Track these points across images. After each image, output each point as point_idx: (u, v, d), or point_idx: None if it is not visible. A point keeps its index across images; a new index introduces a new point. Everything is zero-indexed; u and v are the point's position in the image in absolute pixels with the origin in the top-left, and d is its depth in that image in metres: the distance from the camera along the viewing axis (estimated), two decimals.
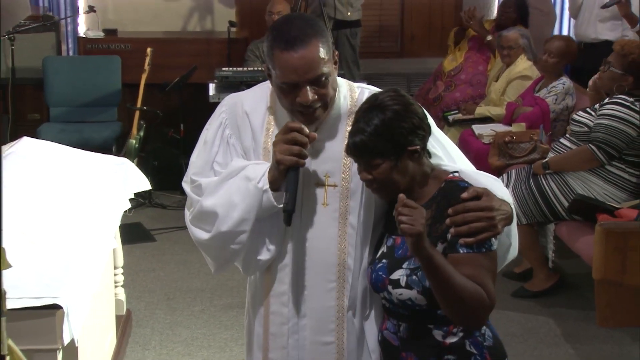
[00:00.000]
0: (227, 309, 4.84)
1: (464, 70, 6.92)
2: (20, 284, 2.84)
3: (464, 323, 2.24)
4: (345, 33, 7.11)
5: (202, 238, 2.39)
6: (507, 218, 2.24)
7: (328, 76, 2.26)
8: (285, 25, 2.26)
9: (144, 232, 6.10)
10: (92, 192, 3.80)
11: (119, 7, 7.76)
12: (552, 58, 5.71)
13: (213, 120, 2.47)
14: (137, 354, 4.34)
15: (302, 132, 2.25)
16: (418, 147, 2.23)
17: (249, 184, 2.30)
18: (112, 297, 4.31)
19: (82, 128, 6.77)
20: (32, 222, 3.31)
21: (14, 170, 3.71)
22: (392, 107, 2.21)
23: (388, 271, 2.28)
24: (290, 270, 2.40)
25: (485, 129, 5.91)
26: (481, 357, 2.27)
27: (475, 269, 2.16)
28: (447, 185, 2.26)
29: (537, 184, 4.89)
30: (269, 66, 2.28)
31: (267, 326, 2.48)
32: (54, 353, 2.85)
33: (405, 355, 2.32)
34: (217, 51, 7.34)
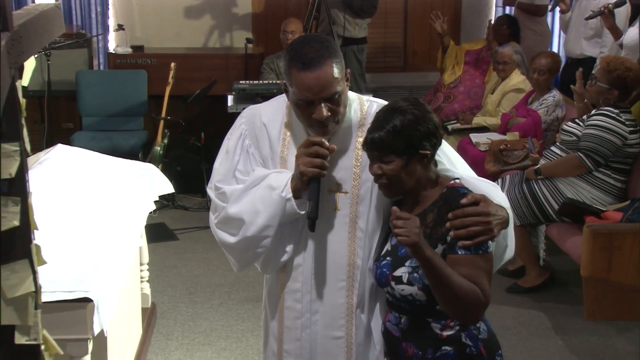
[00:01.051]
0: (244, 303, 4.84)
1: (462, 83, 6.93)
2: (54, 279, 2.85)
3: (461, 319, 2.24)
4: (353, 49, 7.12)
5: (228, 241, 2.39)
6: (503, 223, 2.24)
7: (341, 94, 2.27)
8: (302, 46, 2.26)
9: (168, 232, 6.10)
10: (120, 194, 3.81)
11: (145, 26, 7.78)
12: (541, 76, 5.71)
13: (234, 131, 2.48)
14: (161, 344, 4.35)
15: (323, 145, 2.26)
16: (428, 153, 2.25)
17: (273, 193, 2.31)
18: (138, 291, 4.33)
19: (111, 136, 6.79)
20: (65, 222, 3.31)
21: (49, 174, 3.73)
22: (412, 112, 2.23)
23: (392, 268, 2.28)
24: (304, 270, 2.41)
25: (482, 138, 5.91)
26: (476, 349, 2.27)
27: (472, 270, 2.17)
28: (448, 191, 2.27)
29: (530, 188, 4.90)
30: (286, 83, 2.29)
31: (282, 320, 2.49)
32: (85, 342, 2.86)
33: (405, 346, 2.32)
34: (235, 66, 7.35)
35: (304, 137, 2.37)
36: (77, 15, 7.49)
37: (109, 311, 2.98)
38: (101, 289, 2.90)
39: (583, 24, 6.29)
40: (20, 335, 1.77)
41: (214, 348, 4.32)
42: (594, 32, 6.27)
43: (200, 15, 7.79)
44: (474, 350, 2.27)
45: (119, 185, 3.91)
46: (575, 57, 6.43)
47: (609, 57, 5.00)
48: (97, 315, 2.84)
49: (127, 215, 3.62)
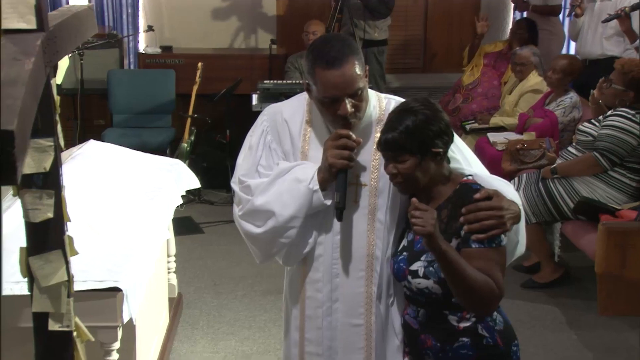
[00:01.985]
0: (266, 294, 4.85)
1: (481, 84, 6.90)
2: (86, 269, 2.87)
3: (475, 310, 2.24)
4: (373, 51, 7.11)
5: (254, 232, 2.40)
6: (515, 217, 2.24)
7: (363, 90, 2.29)
8: (324, 46, 2.28)
9: (194, 225, 6.13)
10: (148, 189, 3.83)
11: (174, 27, 7.81)
12: (555, 74, 5.68)
13: (256, 128, 2.49)
14: (187, 332, 4.37)
15: (351, 138, 2.29)
16: (441, 150, 2.26)
17: (300, 185, 2.32)
18: (165, 281, 4.35)
19: (140, 133, 6.82)
20: (97, 215, 3.34)
21: (81, 169, 3.75)
22: (423, 112, 2.24)
23: (408, 262, 2.29)
24: (324, 260, 2.42)
25: (499, 137, 5.88)
26: (492, 340, 2.27)
27: (486, 262, 2.17)
28: (461, 187, 2.27)
29: (546, 187, 4.87)
30: (310, 82, 2.30)
31: (303, 309, 2.49)
32: (115, 330, 2.88)
33: (424, 338, 2.32)
34: (260, 66, 7.37)
35: (324, 133, 2.39)
36: (109, 17, 7.54)
37: (138, 300, 3.00)
38: (130, 279, 2.92)
39: (601, 25, 6.24)
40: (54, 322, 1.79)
41: (238, 337, 4.34)
42: (613, 30, 6.20)
43: (226, 17, 7.81)
44: (490, 341, 2.27)
45: (148, 180, 3.93)
46: (594, 58, 6.37)
47: (623, 60, 4.97)
48: (126, 304, 2.86)
49: (155, 208, 3.64)
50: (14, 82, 1.43)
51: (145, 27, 7.54)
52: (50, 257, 1.76)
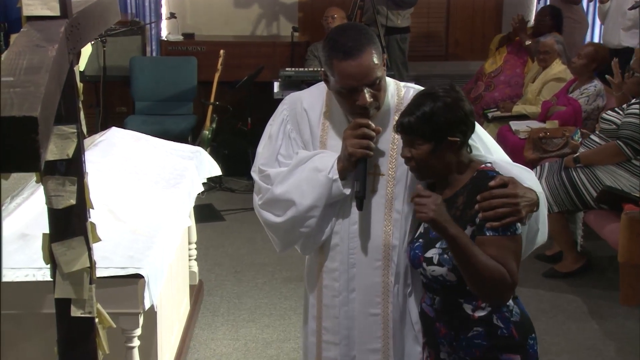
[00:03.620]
0: (287, 282, 4.86)
1: (503, 72, 6.85)
2: (107, 256, 2.88)
3: (488, 298, 2.22)
4: (396, 38, 7.09)
5: (274, 221, 2.41)
6: (532, 205, 2.21)
7: (381, 79, 2.28)
8: (340, 36, 2.26)
9: (215, 213, 6.15)
10: (170, 176, 3.84)
11: (196, 14, 7.82)
12: (580, 59, 5.64)
13: (276, 117, 2.50)
14: (208, 319, 4.40)
15: (370, 127, 2.28)
16: (458, 140, 2.23)
17: (319, 174, 2.33)
18: (186, 269, 4.37)
19: (162, 120, 6.84)
20: (119, 202, 3.35)
21: (104, 156, 3.77)
22: (444, 99, 2.21)
23: (423, 250, 2.28)
24: (341, 249, 2.42)
25: (521, 125, 5.85)
26: (507, 331, 2.25)
27: (499, 250, 2.15)
28: (478, 174, 2.26)
29: (568, 175, 4.84)
30: (327, 73, 2.29)
31: (321, 298, 2.50)
32: (136, 316, 2.89)
33: (439, 326, 2.32)
34: (282, 53, 7.37)
35: (343, 122, 2.38)
36: (131, 4, 7.56)
37: (159, 287, 3.02)
38: (152, 266, 2.93)
39: (621, 15, 6.19)
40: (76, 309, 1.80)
41: (258, 325, 4.35)
42: (632, 22, 6.16)
43: (248, 4, 7.81)
44: (505, 332, 2.25)
45: (170, 167, 3.94)
46: (614, 48, 6.31)
47: None
48: (148, 291, 2.87)
49: (177, 195, 3.65)
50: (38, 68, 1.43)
51: (167, 14, 7.55)
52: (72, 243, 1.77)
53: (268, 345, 4.14)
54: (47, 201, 1.73)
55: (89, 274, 1.80)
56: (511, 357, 2.26)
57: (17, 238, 3.06)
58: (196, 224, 4.50)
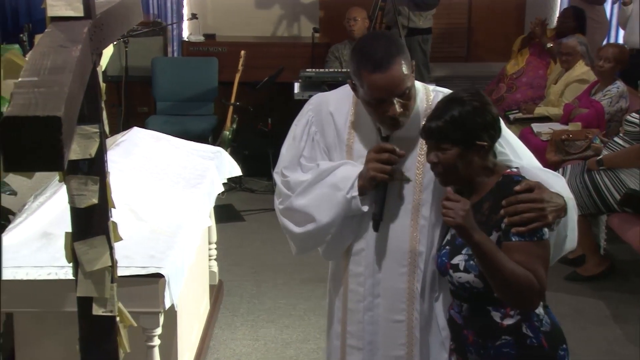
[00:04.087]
0: (306, 283, 4.87)
1: (525, 73, 6.82)
2: (129, 255, 2.90)
3: (515, 305, 2.19)
4: (417, 39, 7.07)
5: (292, 230, 2.42)
6: (559, 210, 2.18)
7: (411, 88, 2.26)
8: (369, 46, 2.24)
9: (235, 213, 6.16)
10: (191, 176, 3.85)
11: (217, 15, 7.84)
12: (607, 63, 5.58)
13: (301, 118, 2.48)
14: (227, 319, 4.41)
15: (395, 153, 2.27)
16: (486, 144, 2.21)
17: (338, 193, 2.32)
18: (206, 268, 4.39)
19: (183, 120, 6.87)
20: (140, 201, 3.37)
21: (125, 155, 3.79)
22: (472, 103, 2.20)
23: (450, 256, 2.26)
24: (366, 254, 2.41)
25: (544, 127, 5.82)
26: (537, 341, 2.22)
27: (526, 256, 2.12)
28: (503, 179, 2.23)
29: (591, 178, 4.80)
30: (356, 83, 2.27)
31: (346, 302, 2.49)
32: (157, 316, 2.91)
33: (467, 333, 2.29)
34: (302, 54, 7.36)
35: (370, 127, 2.37)
36: (153, 4, 7.59)
37: (179, 287, 3.03)
38: (172, 266, 2.95)
39: None
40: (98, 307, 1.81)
41: (277, 325, 4.36)
42: None
43: (269, 5, 7.82)
44: (534, 342, 2.22)
45: (190, 168, 3.96)
46: (637, 49, 6.26)
47: None
48: (168, 290, 2.88)
49: (197, 196, 3.66)
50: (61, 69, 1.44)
51: (189, 15, 7.57)
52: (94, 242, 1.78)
53: (287, 346, 4.14)
54: (69, 200, 1.74)
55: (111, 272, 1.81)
56: None
57: (40, 236, 3.09)
58: (216, 224, 4.51)
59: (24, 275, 2.85)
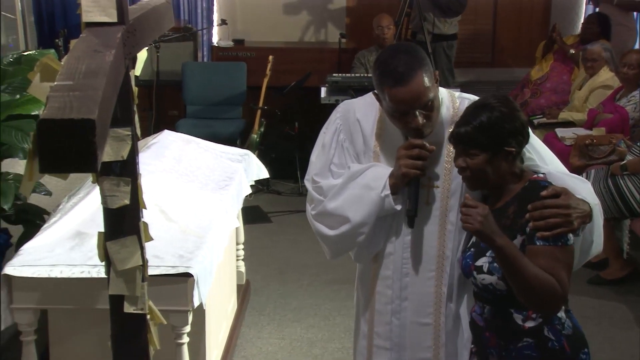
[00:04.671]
0: (331, 284, 4.86)
1: (550, 79, 6.77)
2: (159, 255, 2.92)
3: (536, 308, 2.18)
4: (442, 45, 7.05)
5: (326, 233, 2.42)
6: (585, 216, 2.17)
7: (433, 100, 2.25)
8: (390, 60, 2.22)
9: (262, 214, 6.17)
10: (219, 178, 3.87)
11: (246, 20, 7.87)
12: (632, 70, 5.53)
13: (329, 126, 2.48)
14: (254, 318, 4.42)
15: (425, 148, 2.26)
16: (514, 150, 2.20)
17: (372, 192, 2.32)
18: (234, 268, 4.40)
19: (212, 123, 6.89)
20: (170, 202, 3.38)
21: (156, 158, 3.81)
22: (500, 109, 2.18)
23: (474, 258, 2.25)
24: (395, 259, 2.41)
25: (567, 132, 5.77)
26: (559, 344, 2.20)
27: (550, 261, 2.11)
28: (530, 184, 2.22)
29: (615, 183, 4.76)
30: (380, 96, 2.28)
31: (373, 304, 2.49)
32: (186, 314, 2.92)
33: (489, 335, 2.28)
34: (329, 59, 7.36)
35: (396, 133, 2.36)
36: (184, 10, 7.64)
37: (208, 286, 3.04)
38: (201, 265, 2.96)
39: None
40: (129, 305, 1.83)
41: (303, 325, 4.36)
42: None
43: (297, 11, 7.83)
44: (556, 345, 2.20)
45: (219, 170, 3.97)
46: None
47: None
48: (197, 290, 2.90)
49: (226, 197, 3.67)
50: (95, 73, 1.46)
51: (218, 21, 7.61)
52: (126, 242, 1.79)
53: (313, 345, 4.14)
54: (102, 201, 1.76)
55: (142, 271, 1.83)
56: None
57: (74, 236, 3.12)
58: (244, 225, 4.53)
59: (58, 273, 2.87)
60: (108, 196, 1.75)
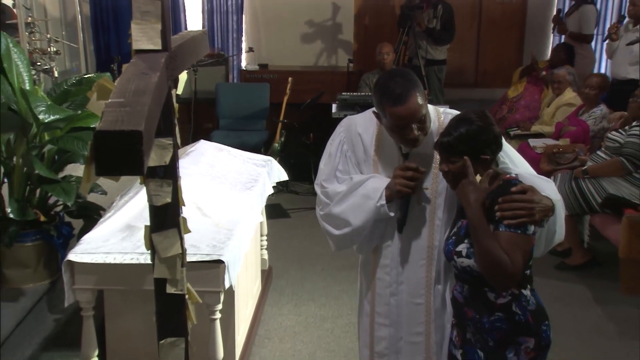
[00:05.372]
0: (341, 269, 4.85)
1: (523, 97, 6.74)
2: (195, 244, 2.92)
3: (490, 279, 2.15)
4: (434, 69, 7.02)
5: (331, 232, 2.43)
6: (546, 210, 2.16)
7: (426, 114, 2.25)
8: (388, 83, 2.22)
9: (282, 211, 6.16)
10: (246, 180, 3.86)
11: (269, 48, 7.87)
12: (592, 90, 5.52)
13: (335, 138, 2.48)
14: (275, 298, 4.41)
15: (418, 171, 2.27)
16: (489, 157, 2.20)
17: (370, 202, 2.32)
18: (259, 256, 4.39)
19: (240, 134, 6.89)
20: (205, 201, 3.38)
21: (193, 163, 3.81)
22: (477, 123, 2.18)
23: (455, 244, 2.24)
24: (392, 250, 2.41)
25: (538, 142, 5.74)
26: (524, 317, 2.20)
27: (509, 244, 2.11)
28: (503, 183, 2.21)
29: (578, 185, 4.74)
30: (380, 114, 2.27)
31: (374, 288, 2.49)
32: (218, 294, 2.92)
33: (467, 310, 2.27)
34: (339, 80, 7.35)
35: (392, 144, 2.36)
36: (217, 40, 7.65)
37: (237, 271, 3.03)
38: (231, 254, 2.96)
39: (628, 52, 6.03)
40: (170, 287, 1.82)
41: (316, 303, 4.35)
42: (637, 59, 6.00)
43: (312, 40, 7.83)
44: (522, 319, 2.20)
45: (246, 173, 3.96)
46: (620, 79, 6.15)
47: None
48: (227, 274, 2.89)
49: (252, 196, 3.67)
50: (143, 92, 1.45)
51: (246, 49, 7.62)
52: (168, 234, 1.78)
53: (325, 320, 4.13)
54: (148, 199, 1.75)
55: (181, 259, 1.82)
56: (526, 339, 2.21)
57: (125, 228, 3.11)
58: (267, 220, 4.51)
59: (112, 260, 2.87)
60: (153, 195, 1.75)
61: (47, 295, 3.57)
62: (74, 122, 3.47)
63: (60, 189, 3.35)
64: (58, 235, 3.57)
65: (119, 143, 1.29)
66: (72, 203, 3.37)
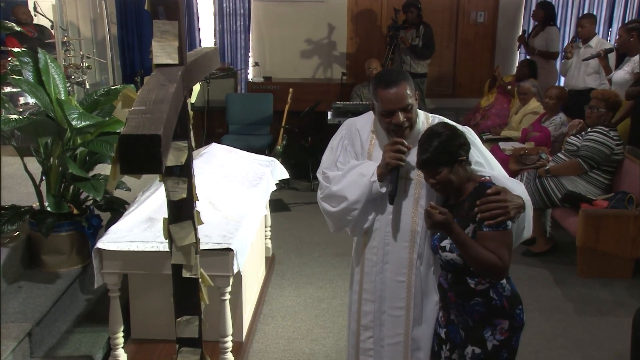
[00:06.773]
0: (335, 256, 4.84)
1: (494, 106, 6.74)
2: (208, 234, 2.91)
3: (483, 276, 2.18)
4: (417, 81, 6.99)
5: (330, 210, 2.41)
6: (519, 207, 2.17)
7: (412, 106, 2.25)
8: (384, 73, 2.27)
9: (284, 205, 6.15)
10: (252, 178, 3.86)
11: (273, 62, 7.85)
12: (552, 100, 5.54)
13: (337, 134, 2.50)
14: (278, 282, 4.40)
15: (404, 144, 2.27)
16: (464, 157, 2.20)
17: (364, 178, 2.32)
18: (263, 245, 4.38)
19: (247, 138, 6.87)
20: (217, 196, 3.38)
21: (206, 163, 3.81)
22: (445, 133, 2.18)
23: (439, 240, 2.24)
24: (380, 233, 2.40)
25: (507, 145, 5.74)
26: (500, 302, 2.20)
27: (494, 243, 2.11)
28: (479, 185, 2.21)
29: (541, 183, 4.74)
30: (374, 101, 2.28)
31: (363, 268, 2.48)
32: (227, 278, 2.91)
33: (450, 295, 2.28)
34: (334, 91, 7.34)
35: (385, 140, 2.36)
36: (228, 55, 7.62)
37: (244, 257, 3.03)
38: (239, 243, 2.95)
39: (585, 65, 6.03)
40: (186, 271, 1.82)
41: (314, 286, 4.34)
42: (593, 69, 6.02)
43: (310, 56, 7.81)
44: (498, 303, 2.20)
45: (252, 172, 3.96)
46: (579, 89, 6.15)
47: (600, 90, 4.85)
48: (236, 260, 2.89)
49: (257, 192, 3.66)
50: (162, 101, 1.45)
51: (253, 63, 7.60)
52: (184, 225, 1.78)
53: (321, 301, 4.12)
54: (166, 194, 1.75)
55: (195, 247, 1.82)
56: (501, 321, 2.21)
57: (146, 220, 3.11)
58: (270, 213, 4.51)
59: (135, 248, 2.87)
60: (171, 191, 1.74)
61: (80, 278, 3.56)
62: (103, 128, 3.47)
63: (91, 186, 3.35)
64: (89, 226, 3.56)
65: (140, 146, 1.29)
66: (101, 198, 3.37)
